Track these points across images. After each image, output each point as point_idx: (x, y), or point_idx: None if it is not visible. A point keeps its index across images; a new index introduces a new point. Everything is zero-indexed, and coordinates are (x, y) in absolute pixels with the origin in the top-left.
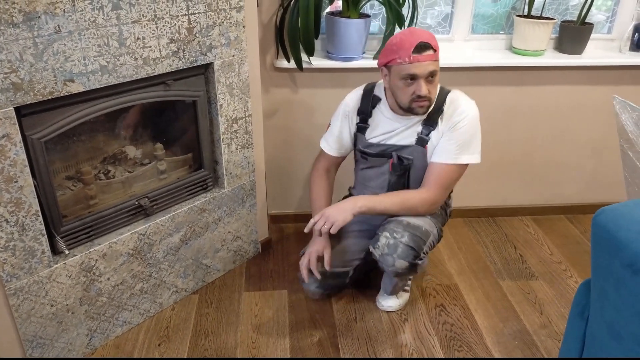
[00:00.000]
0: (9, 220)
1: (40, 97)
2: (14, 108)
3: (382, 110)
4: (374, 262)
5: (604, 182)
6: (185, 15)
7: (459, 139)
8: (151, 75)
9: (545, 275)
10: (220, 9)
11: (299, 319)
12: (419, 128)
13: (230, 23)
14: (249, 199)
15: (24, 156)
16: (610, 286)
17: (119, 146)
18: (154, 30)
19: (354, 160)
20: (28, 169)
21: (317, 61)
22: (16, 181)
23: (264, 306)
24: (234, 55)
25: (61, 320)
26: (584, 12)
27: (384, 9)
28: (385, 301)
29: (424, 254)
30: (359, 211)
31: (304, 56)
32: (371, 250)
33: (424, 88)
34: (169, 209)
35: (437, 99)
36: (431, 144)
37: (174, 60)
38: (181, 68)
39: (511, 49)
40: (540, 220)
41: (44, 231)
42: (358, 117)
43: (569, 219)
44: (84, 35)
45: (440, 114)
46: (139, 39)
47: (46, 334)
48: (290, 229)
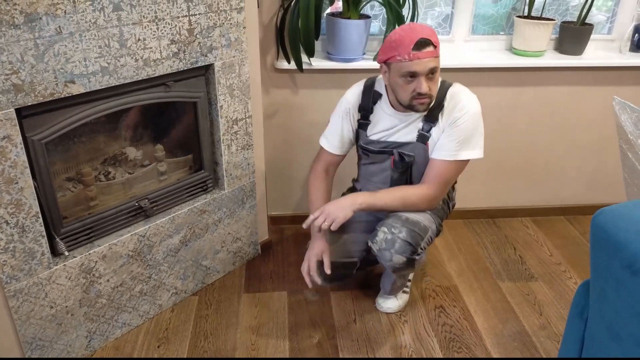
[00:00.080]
0: (9, 221)
1: (41, 99)
2: (15, 109)
3: (383, 106)
4: None
5: (604, 183)
6: (185, 16)
7: (459, 135)
8: (152, 76)
9: (545, 277)
10: (221, 10)
11: (298, 321)
12: (419, 124)
13: (231, 24)
14: (249, 200)
15: (24, 157)
16: (610, 287)
17: (119, 147)
18: (155, 31)
19: (356, 154)
20: (28, 171)
21: (318, 62)
22: (16, 182)
23: (264, 308)
24: (234, 57)
25: (60, 322)
26: (584, 13)
27: (384, 10)
28: (385, 302)
29: (422, 249)
30: (359, 208)
31: (304, 57)
32: (370, 245)
33: (424, 85)
34: (169, 210)
35: (438, 93)
36: (432, 141)
37: (174, 62)
38: (182, 69)
39: (511, 49)
40: (540, 222)
41: (44, 233)
42: (359, 114)
43: (568, 220)
44: (85, 36)
45: (441, 109)
46: (139, 40)
47: (45, 335)
48: (290, 230)
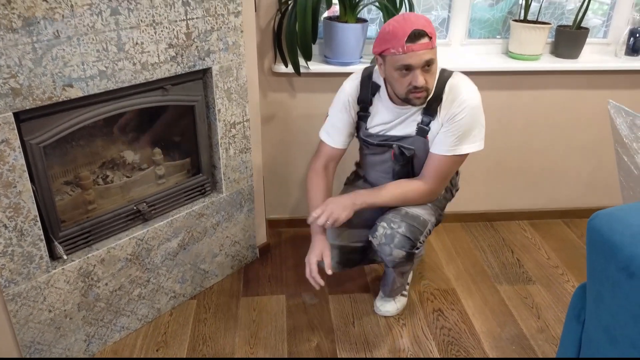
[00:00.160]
0: (8, 225)
1: (39, 102)
2: (13, 113)
3: (382, 98)
4: None
5: (600, 186)
6: (183, 20)
7: (458, 130)
8: (149, 80)
9: (543, 280)
10: (219, 14)
11: (296, 324)
12: (418, 117)
13: (229, 28)
14: (247, 204)
15: (22, 161)
16: (606, 290)
17: (117, 151)
18: (153, 35)
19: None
20: (27, 174)
21: (315, 66)
22: (15, 186)
23: (262, 311)
24: (232, 60)
25: (59, 326)
26: (579, 17)
27: (381, 14)
28: (383, 306)
29: (421, 243)
30: (360, 207)
31: (302, 61)
32: (370, 239)
33: (420, 79)
34: (167, 214)
35: (436, 85)
36: (431, 134)
37: (172, 65)
38: (179, 73)
39: (507, 53)
40: (537, 225)
41: (43, 236)
42: (359, 106)
43: (565, 223)
44: (83, 40)
45: (439, 102)
46: (137, 44)
47: (44, 339)
48: (288, 233)
